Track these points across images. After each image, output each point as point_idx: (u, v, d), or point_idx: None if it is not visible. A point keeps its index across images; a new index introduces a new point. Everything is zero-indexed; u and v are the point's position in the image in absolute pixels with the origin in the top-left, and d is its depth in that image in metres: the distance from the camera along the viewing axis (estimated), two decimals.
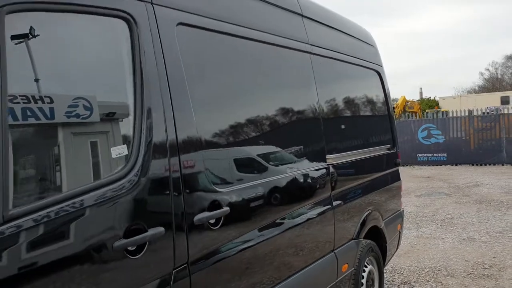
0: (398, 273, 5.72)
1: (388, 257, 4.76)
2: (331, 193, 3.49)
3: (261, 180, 2.71)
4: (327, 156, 3.47)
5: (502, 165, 18.15)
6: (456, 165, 18.80)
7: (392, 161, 4.98)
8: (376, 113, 4.93)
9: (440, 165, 19.03)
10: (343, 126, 4.03)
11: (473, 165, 18.59)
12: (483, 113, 19.59)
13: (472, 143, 19.06)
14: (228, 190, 2.40)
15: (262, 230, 2.67)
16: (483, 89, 55.14)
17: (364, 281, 4.01)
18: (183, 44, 2.25)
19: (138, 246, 1.87)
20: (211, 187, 2.29)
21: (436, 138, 19.62)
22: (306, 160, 3.27)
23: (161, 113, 2.06)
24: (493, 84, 56.70)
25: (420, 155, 19.68)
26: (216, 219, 2.29)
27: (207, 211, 2.23)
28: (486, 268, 5.77)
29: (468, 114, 19.45)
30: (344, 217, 3.71)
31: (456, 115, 19.73)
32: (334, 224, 3.51)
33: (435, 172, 17.01)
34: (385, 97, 5.04)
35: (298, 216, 3.05)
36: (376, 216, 4.32)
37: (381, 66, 5.01)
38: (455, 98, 38.55)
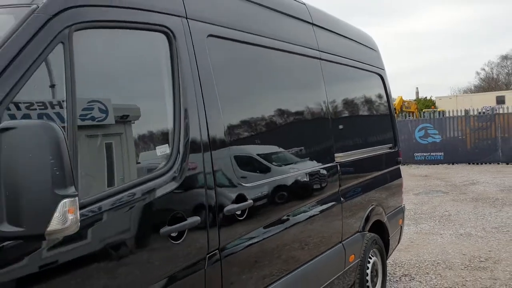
0: (399, 266, 6.00)
1: (391, 250, 5.04)
2: (339, 189, 3.76)
3: (279, 177, 2.99)
4: (336, 155, 3.75)
5: (498, 164, 18.49)
6: (453, 164, 19.11)
7: (394, 160, 5.26)
8: (379, 114, 5.21)
9: (437, 164, 19.35)
10: (350, 127, 4.31)
11: (470, 164, 18.92)
12: (479, 113, 19.92)
13: (469, 142, 19.36)
14: (252, 185, 2.68)
15: (280, 222, 2.95)
16: (479, 89, 55.58)
17: (369, 271, 4.29)
18: (213, 53, 2.52)
19: (179, 233, 2.14)
20: (237, 182, 2.56)
21: (433, 138, 19.91)
22: (318, 159, 3.55)
23: (196, 114, 2.33)
24: (489, 84, 57.19)
25: (418, 154, 19.97)
26: (242, 211, 2.56)
27: (235, 203, 2.50)
28: (482, 261, 6.06)
29: (465, 114, 19.74)
30: (351, 211, 3.98)
31: (453, 115, 20.02)
32: (342, 218, 3.79)
33: (432, 171, 17.32)
34: (387, 99, 5.32)
35: (311, 210, 3.33)
36: (380, 211, 4.60)
37: (383, 70, 5.29)
38: (451, 98, 38.95)
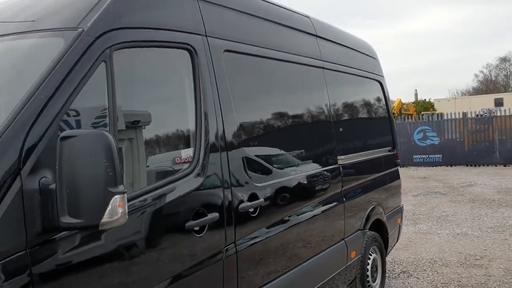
0: (398, 264, 6.27)
1: (390, 248, 5.31)
2: (342, 190, 4.04)
3: (287, 177, 3.27)
4: (338, 157, 4.02)
5: (495, 166, 18.79)
6: (451, 166, 19.39)
7: (393, 162, 5.54)
8: (379, 118, 5.49)
9: (436, 166, 19.60)
10: (351, 131, 4.59)
11: (468, 166, 19.20)
12: (477, 115, 20.23)
13: (467, 145, 19.65)
14: (262, 185, 2.95)
15: (288, 220, 3.22)
16: (478, 91, 55.87)
17: (369, 267, 4.56)
18: (228, 65, 2.81)
19: (201, 227, 2.41)
20: (250, 182, 2.84)
21: (432, 140, 20.19)
22: (322, 161, 3.82)
23: (214, 119, 2.61)
24: (487, 86, 57.53)
25: (416, 157, 20.25)
26: (254, 208, 2.83)
27: (248, 201, 2.77)
28: (478, 259, 6.33)
29: (463, 117, 20.03)
30: (352, 211, 4.25)
31: (451, 117, 20.31)
32: (344, 216, 4.06)
33: (431, 173, 17.60)
34: (386, 104, 5.61)
35: (315, 209, 3.60)
36: (379, 211, 4.87)
37: (382, 76, 5.58)
38: (450, 100, 39.26)
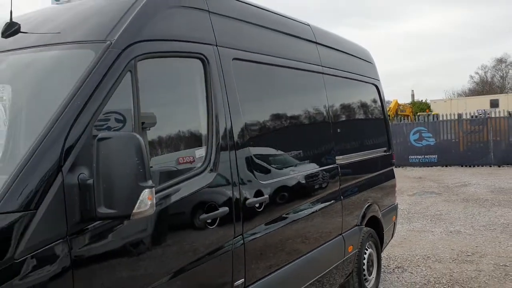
0: (393, 260, 6.53)
1: (385, 243, 5.57)
2: (340, 188, 4.29)
3: (289, 176, 3.52)
4: (337, 157, 4.28)
5: (490, 166, 19.09)
6: (446, 166, 19.70)
7: (388, 162, 5.80)
8: (375, 120, 5.75)
9: (431, 166, 19.89)
10: (349, 132, 4.85)
11: (462, 166, 19.51)
12: (472, 117, 20.52)
13: (462, 145, 19.95)
14: (267, 182, 3.20)
15: (289, 215, 3.47)
16: (473, 92, 56.26)
17: (365, 261, 4.82)
18: (236, 72, 3.06)
19: (213, 220, 2.66)
20: (256, 179, 3.09)
21: (427, 141, 20.47)
22: (322, 161, 4.08)
23: (224, 120, 2.86)
24: (483, 87, 57.91)
25: (412, 157, 20.53)
26: (260, 204, 3.08)
27: (254, 197, 3.02)
28: (469, 255, 6.61)
29: (458, 118, 20.32)
30: (349, 207, 4.51)
31: (446, 119, 20.61)
32: (342, 213, 4.32)
33: (426, 173, 17.90)
34: (382, 106, 5.87)
35: (316, 205, 3.86)
36: (375, 208, 5.13)
37: (379, 80, 5.84)
38: (446, 101, 39.61)
